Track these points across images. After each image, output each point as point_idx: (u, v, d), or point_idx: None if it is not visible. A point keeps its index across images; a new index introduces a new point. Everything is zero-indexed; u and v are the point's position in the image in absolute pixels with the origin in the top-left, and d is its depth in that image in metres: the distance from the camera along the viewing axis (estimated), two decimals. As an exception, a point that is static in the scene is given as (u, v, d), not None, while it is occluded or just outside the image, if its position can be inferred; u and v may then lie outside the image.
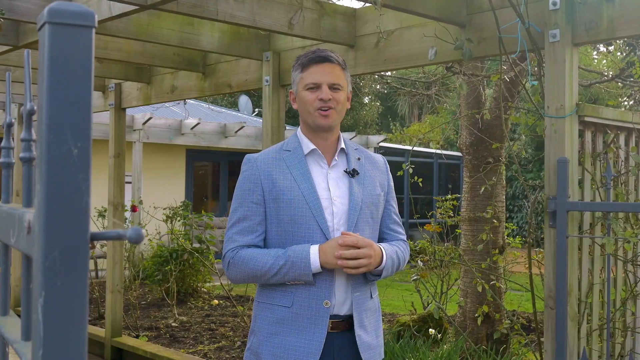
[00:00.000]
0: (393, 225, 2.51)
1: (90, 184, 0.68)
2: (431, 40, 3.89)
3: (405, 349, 4.43)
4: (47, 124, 0.66)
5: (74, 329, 0.67)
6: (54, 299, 0.66)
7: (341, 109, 2.36)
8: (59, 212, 0.66)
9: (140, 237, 0.66)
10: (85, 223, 0.67)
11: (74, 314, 0.67)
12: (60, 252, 0.66)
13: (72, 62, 0.67)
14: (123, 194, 6.59)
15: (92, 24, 0.68)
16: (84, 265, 0.67)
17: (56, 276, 0.66)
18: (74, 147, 0.67)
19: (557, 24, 3.27)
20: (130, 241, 0.66)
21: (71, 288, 0.67)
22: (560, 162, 3.21)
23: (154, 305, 8.65)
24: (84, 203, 0.67)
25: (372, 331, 2.40)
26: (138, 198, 11.25)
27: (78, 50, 0.67)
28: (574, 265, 3.28)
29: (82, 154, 0.67)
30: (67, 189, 0.66)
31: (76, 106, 0.67)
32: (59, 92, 0.66)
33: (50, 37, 0.66)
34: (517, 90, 5.51)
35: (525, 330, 6.48)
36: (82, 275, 0.67)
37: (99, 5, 3.84)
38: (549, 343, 3.26)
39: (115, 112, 6.51)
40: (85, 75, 0.67)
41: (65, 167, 0.66)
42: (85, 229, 0.67)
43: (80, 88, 0.67)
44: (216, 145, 12.79)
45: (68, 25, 0.67)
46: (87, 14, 0.68)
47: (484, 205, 5.57)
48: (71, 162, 0.67)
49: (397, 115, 29.46)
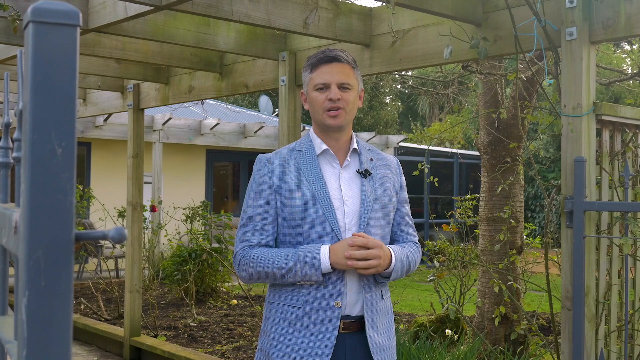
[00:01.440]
0: (405, 227, 2.49)
1: (75, 184, 0.67)
2: (447, 39, 3.86)
3: (421, 349, 4.40)
4: (30, 124, 0.66)
5: (58, 329, 0.66)
6: (37, 298, 0.66)
7: (351, 108, 2.35)
8: (42, 211, 0.66)
9: (122, 236, 0.65)
10: (69, 223, 0.67)
11: (58, 314, 0.66)
12: (44, 252, 0.66)
13: (56, 62, 0.67)
14: (142, 194, 6.63)
15: (76, 22, 0.68)
16: (68, 265, 0.67)
17: (40, 276, 0.66)
18: (58, 147, 0.66)
19: (574, 21, 3.23)
20: (113, 241, 0.66)
21: (55, 288, 0.66)
22: (577, 161, 3.17)
23: (173, 305, 8.69)
24: (68, 203, 0.67)
25: (384, 332, 2.38)
26: (158, 198, 11.32)
27: (62, 49, 0.67)
28: (592, 266, 3.24)
29: (66, 154, 0.67)
30: (50, 188, 0.66)
31: (60, 106, 0.67)
32: (43, 91, 0.66)
33: (34, 36, 0.66)
34: (535, 89, 5.46)
35: (545, 331, 6.43)
36: (66, 275, 0.67)
37: (115, 6, 3.86)
38: (566, 344, 3.23)
39: (133, 112, 6.54)
40: (69, 74, 0.67)
41: (49, 167, 0.66)
42: (70, 229, 0.67)
43: (65, 87, 0.67)
44: (235, 145, 12.83)
45: (52, 25, 0.66)
46: (71, 13, 0.67)
47: (502, 205, 5.53)
48: (55, 162, 0.66)
49: (417, 114, 29.37)
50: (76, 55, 0.67)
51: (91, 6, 4.04)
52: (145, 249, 10.09)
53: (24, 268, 0.65)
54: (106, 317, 7.78)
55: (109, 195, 11.19)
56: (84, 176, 12.82)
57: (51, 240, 0.66)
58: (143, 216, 9.39)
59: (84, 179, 12.70)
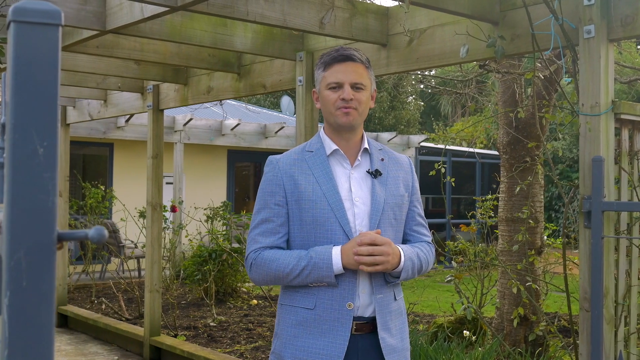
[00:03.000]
0: (417, 226, 2.47)
1: (57, 184, 0.67)
2: (464, 38, 3.83)
3: (438, 351, 4.37)
4: (12, 123, 0.66)
5: (40, 329, 0.66)
6: (19, 299, 0.65)
7: (364, 109, 2.33)
8: (24, 211, 0.66)
9: (102, 237, 0.65)
10: (51, 222, 0.67)
11: (40, 314, 0.66)
12: (26, 252, 0.66)
13: (37, 61, 0.66)
14: (161, 194, 6.66)
15: (57, 22, 0.67)
16: (50, 265, 0.67)
17: (21, 276, 0.65)
18: (39, 147, 0.66)
19: (592, 19, 3.19)
20: (92, 241, 0.65)
21: (37, 288, 0.66)
22: (595, 161, 3.13)
23: (194, 305, 8.72)
24: (50, 202, 0.67)
25: (397, 334, 2.36)
26: (179, 199, 11.38)
27: (44, 48, 0.67)
28: (610, 267, 3.20)
29: (48, 153, 0.66)
30: (32, 188, 0.66)
31: (42, 105, 0.66)
32: (24, 91, 0.66)
33: (15, 35, 0.66)
34: (554, 88, 5.40)
35: (567, 332, 6.36)
36: (48, 276, 0.67)
37: (132, 8, 3.88)
38: (584, 346, 3.19)
39: (153, 113, 6.58)
40: (51, 73, 0.67)
41: (30, 167, 0.66)
42: (52, 229, 0.67)
43: (47, 87, 0.67)
44: (256, 145, 12.86)
45: (33, 24, 0.66)
46: (52, 12, 0.67)
47: (521, 206, 5.48)
48: (37, 162, 0.66)
49: (440, 114, 29.24)
50: (58, 55, 0.67)
51: (108, 8, 4.07)
52: (166, 249, 10.14)
53: (5, 268, 0.65)
54: (127, 317, 7.84)
55: (130, 196, 11.27)
56: (106, 177, 12.92)
57: (33, 241, 0.66)
58: (163, 216, 9.46)
59: (107, 179, 12.80)
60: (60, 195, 8.31)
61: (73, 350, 6.93)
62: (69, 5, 3.98)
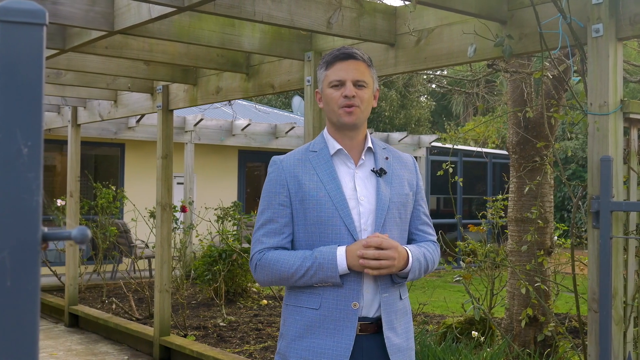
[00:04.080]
0: (422, 225, 2.46)
1: (41, 183, 0.67)
2: (471, 37, 3.82)
3: (446, 351, 4.36)
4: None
5: (24, 328, 0.66)
6: (3, 299, 0.65)
7: (366, 107, 2.32)
8: (8, 211, 0.65)
9: (84, 237, 0.64)
10: (35, 222, 0.67)
11: (24, 313, 0.66)
12: (10, 252, 0.65)
13: (22, 61, 0.66)
14: (171, 194, 6.68)
15: (42, 21, 0.67)
16: (34, 265, 0.67)
17: (5, 276, 0.65)
18: (24, 146, 0.66)
19: (600, 18, 3.17)
20: (75, 241, 0.65)
21: (21, 288, 0.66)
22: (603, 160, 3.11)
23: (204, 305, 8.74)
24: (34, 202, 0.66)
25: (402, 333, 2.35)
26: (189, 199, 11.40)
27: (29, 48, 0.66)
28: (619, 267, 3.17)
29: (32, 153, 0.66)
30: (16, 188, 0.66)
31: (26, 105, 0.66)
32: (9, 90, 0.66)
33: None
34: (563, 87, 5.37)
35: (577, 333, 6.32)
36: (32, 275, 0.67)
37: (139, 8, 3.89)
38: (593, 347, 3.17)
39: (162, 113, 6.60)
40: (35, 73, 0.67)
41: (14, 166, 0.66)
42: (36, 229, 0.67)
43: (31, 86, 0.66)
44: (267, 146, 12.87)
45: (18, 24, 0.66)
46: (37, 12, 0.67)
47: (530, 206, 5.46)
48: (21, 162, 0.66)
49: (451, 114, 29.17)
50: (42, 54, 0.67)
51: (116, 8, 4.08)
52: (177, 249, 10.16)
53: (-10, 268, 0.65)
54: (137, 317, 7.86)
55: (142, 196, 11.31)
56: (118, 177, 12.98)
57: (17, 240, 0.66)
58: (174, 216, 9.48)
59: (118, 179, 12.86)
60: (71, 196, 8.35)
61: (84, 350, 6.96)
62: (77, 6, 4.00)
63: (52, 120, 9.08)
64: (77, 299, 8.36)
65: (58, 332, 7.85)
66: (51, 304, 8.76)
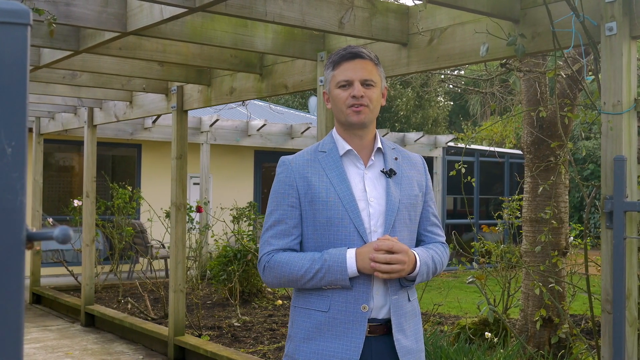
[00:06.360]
0: (431, 226, 2.44)
1: (26, 183, 0.67)
2: (484, 36, 3.80)
3: (459, 353, 4.34)
4: (-20, 123, 0.65)
5: (9, 329, 0.66)
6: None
7: (375, 106, 2.31)
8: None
9: (67, 237, 0.64)
10: (19, 222, 0.66)
11: (8, 314, 0.66)
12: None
13: (5, 61, 0.66)
14: (185, 194, 6.70)
15: (26, 21, 0.67)
16: (18, 264, 0.66)
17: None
18: (7, 146, 0.66)
19: (614, 16, 3.14)
20: (57, 241, 0.65)
21: (5, 288, 0.66)
22: (617, 160, 3.08)
23: (219, 305, 8.76)
24: (18, 202, 0.66)
25: (411, 335, 2.33)
26: (205, 199, 11.44)
27: (12, 47, 0.66)
28: (633, 268, 3.14)
29: (16, 153, 0.66)
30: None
31: (9, 104, 0.66)
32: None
33: (-17, 35, 0.66)
34: (577, 86, 5.33)
35: (592, 334, 6.26)
36: (16, 276, 0.66)
37: (151, 9, 3.91)
38: (607, 349, 3.14)
39: (177, 114, 6.62)
40: (19, 73, 0.66)
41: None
42: (20, 229, 0.66)
43: (15, 86, 0.66)
44: (282, 146, 12.88)
45: (1, 24, 0.66)
46: (21, 12, 0.67)
47: (545, 206, 5.41)
48: (4, 161, 0.66)
49: (469, 114, 29.04)
50: (27, 54, 0.67)
51: (129, 9, 4.10)
52: (192, 249, 10.20)
53: (-27, 268, 0.65)
54: (152, 317, 7.89)
55: (158, 196, 11.36)
56: (134, 177, 13.05)
57: (1, 240, 0.66)
58: (190, 217, 9.51)
59: (135, 180, 12.93)
60: (88, 196, 8.40)
61: (99, 350, 7.00)
62: (90, 8, 4.02)
63: (69, 121, 9.14)
64: (93, 299, 8.41)
65: (74, 332, 7.90)
66: (68, 304, 8.82)
